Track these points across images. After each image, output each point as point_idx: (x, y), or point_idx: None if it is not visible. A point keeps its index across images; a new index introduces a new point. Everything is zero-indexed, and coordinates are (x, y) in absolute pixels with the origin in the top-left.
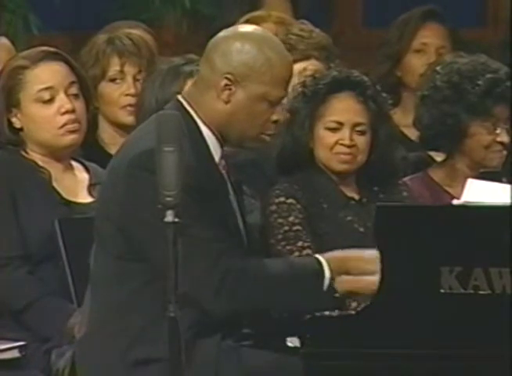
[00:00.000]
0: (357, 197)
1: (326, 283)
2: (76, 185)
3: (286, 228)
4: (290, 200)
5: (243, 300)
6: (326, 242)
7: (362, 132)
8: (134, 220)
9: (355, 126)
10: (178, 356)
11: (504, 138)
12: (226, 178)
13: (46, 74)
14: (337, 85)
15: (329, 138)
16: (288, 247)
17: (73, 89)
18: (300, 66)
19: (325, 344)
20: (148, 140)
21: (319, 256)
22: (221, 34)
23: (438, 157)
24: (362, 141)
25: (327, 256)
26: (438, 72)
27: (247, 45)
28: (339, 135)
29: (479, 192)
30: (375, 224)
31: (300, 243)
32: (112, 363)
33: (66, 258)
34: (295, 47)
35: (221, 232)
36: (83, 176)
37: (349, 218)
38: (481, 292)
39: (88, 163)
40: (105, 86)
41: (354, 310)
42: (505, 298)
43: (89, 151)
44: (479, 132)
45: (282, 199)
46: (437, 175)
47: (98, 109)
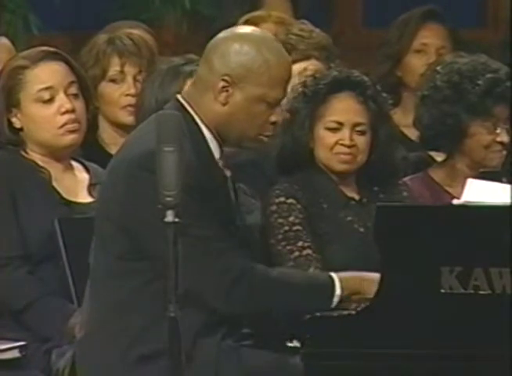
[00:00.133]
0: (357, 197)
1: (335, 300)
2: (76, 185)
3: (287, 228)
4: (290, 200)
5: (253, 304)
6: (326, 242)
7: (362, 132)
8: (134, 220)
9: (355, 126)
10: (178, 356)
11: (504, 138)
12: (226, 178)
13: (46, 74)
14: (337, 85)
15: (330, 138)
16: (288, 247)
17: (73, 89)
18: (300, 66)
19: (325, 344)
20: (148, 140)
21: (333, 274)
22: (221, 35)
23: (438, 157)
24: (362, 141)
25: (342, 275)
26: (438, 72)
27: (246, 46)
28: (339, 135)
29: (479, 192)
30: (375, 224)
31: (300, 243)
32: (112, 363)
33: (66, 258)
34: (295, 47)
35: (221, 231)
36: (83, 176)
37: (349, 219)
38: (482, 292)
39: (88, 163)
40: (105, 86)
41: (354, 310)
42: (505, 298)
43: (89, 151)
44: (479, 132)
45: (282, 199)
46: (437, 175)
47: (98, 109)
